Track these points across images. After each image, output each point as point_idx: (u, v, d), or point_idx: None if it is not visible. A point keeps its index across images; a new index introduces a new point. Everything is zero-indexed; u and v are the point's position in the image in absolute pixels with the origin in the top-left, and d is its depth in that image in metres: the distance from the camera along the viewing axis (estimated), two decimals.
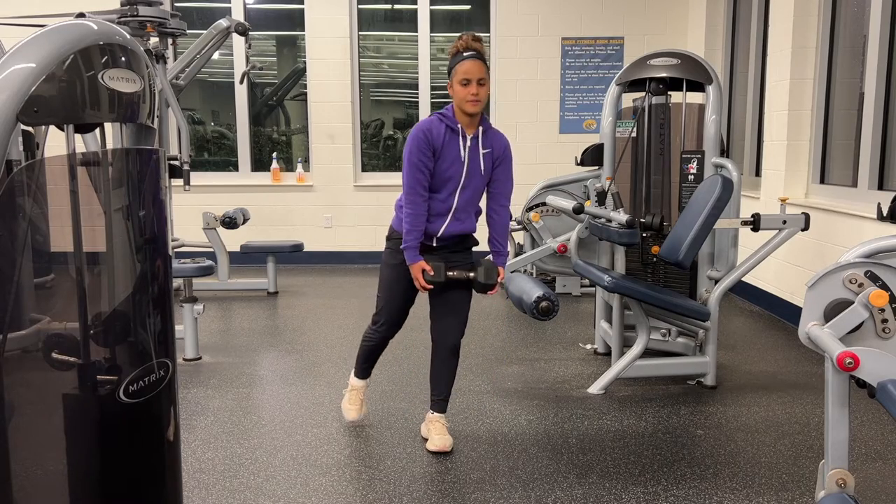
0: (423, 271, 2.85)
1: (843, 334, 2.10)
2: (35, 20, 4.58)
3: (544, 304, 3.58)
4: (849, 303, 2.12)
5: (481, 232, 2.99)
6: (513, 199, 5.84)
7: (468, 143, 2.87)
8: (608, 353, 4.12)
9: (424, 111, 7.29)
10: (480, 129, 2.90)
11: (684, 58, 3.92)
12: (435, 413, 3.09)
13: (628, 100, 4.52)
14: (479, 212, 3.02)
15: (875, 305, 2.08)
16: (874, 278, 2.14)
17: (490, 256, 3.01)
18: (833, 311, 2.16)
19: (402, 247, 2.88)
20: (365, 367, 3.25)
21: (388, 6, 7.39)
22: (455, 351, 3.03)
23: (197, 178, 6.45)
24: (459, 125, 2.87)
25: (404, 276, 2.94)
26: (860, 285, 2.14)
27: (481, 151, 2.89)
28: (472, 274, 2.92)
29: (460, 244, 3.00)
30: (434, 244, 2.93)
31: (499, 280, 2.95)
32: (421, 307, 3.09)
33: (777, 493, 2.65)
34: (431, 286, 2.88)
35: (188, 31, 5.62)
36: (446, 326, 2.99)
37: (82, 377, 1.66)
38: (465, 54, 2.85)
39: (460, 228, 2.94)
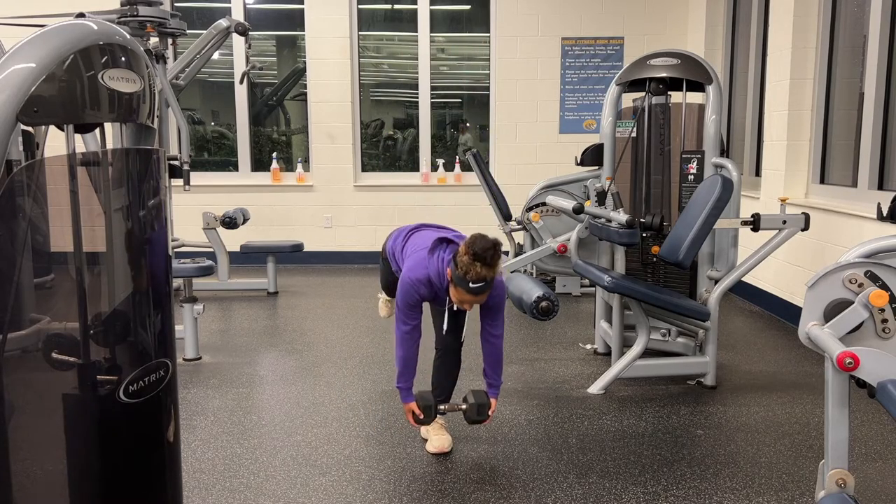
0: (414, 413, 2.89)
1: (843, 334, 2.10)
2: (35, 20, 4.58)
3: (544, 304, 3.58)
4: (849, 303, 2.12)
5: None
6: (513, 199, 5.90)
7: (455, 307, 2.88)
8: (608, 353, 4.12)
9: (424, 111, 7.29)
10: None
11: (684, 58, 3.92)
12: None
13: (628, 100, 4.52)
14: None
15: (875, 305, 2.08)
16: (874, 278, 2.14)
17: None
18: (833, 311, 2.15)
19: (396, 385, 2.92)
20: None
21: (388, 6, 7.38)
22: (457, 354, 3.06)
23: (197, 178, 6.44)
24: (448, 297, 2.84)
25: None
26: (860, 285, 2.14)
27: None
28: (463, 407, 2.95)
29: None
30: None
31: (490, 413, 2.95)
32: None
33: (777, 493, 2.65)
34: (421, 425, 2.96)
35: (188, 31, 5.62)
36: (446, 337, 3.04)
37: (82, 377, 1.66)
38: (472, 286, 2.64)
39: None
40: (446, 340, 3.05)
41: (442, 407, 2.96)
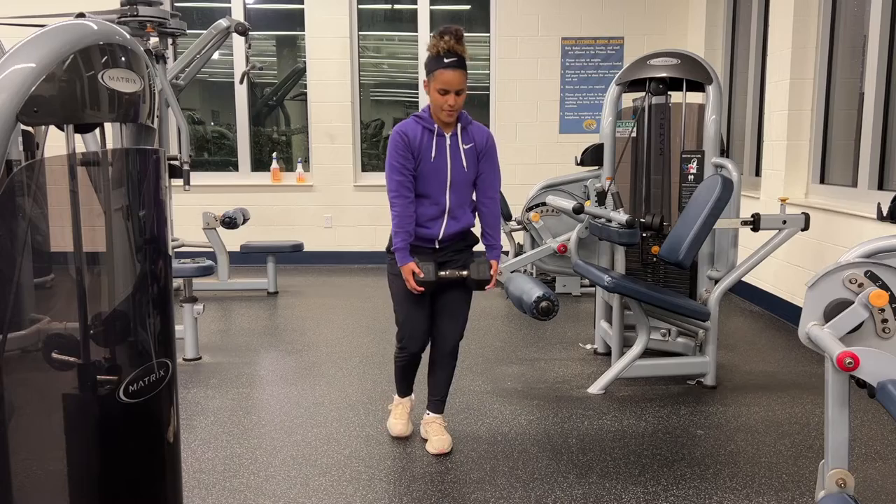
0: (414, 273, 2.81)
1: (842, 334, 2.10)
2: (35, 20, 4.58)
3: (544, 304, 3.58)
4: (849, 303, 2.12)
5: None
6: (513, 199, 5.89)
7: (447, 141, 2.84)
8: (608, 353, 4.12)
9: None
10: (459, 125, 2.86)
11: (684, 58, 3.92)
12: (432, 414, 3.09)
13: (628, 100, 4.52)
14: (474, 207, 2.99)
15: (875, 305, 2.08)
16: (874, 278, 2.13)
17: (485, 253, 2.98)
18: (833, 311, 2.15)
19: (392, 249, 2.86)
20: (403, 387, 3.16)
21: (388, 6, 7.39)
22: (454, 353, 3.03)
23: (197, 178, 6.45)
24: (436, 126, 2.83)
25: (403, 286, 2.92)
26: (860, 285, 2.14)
27: (462, 148, 2.85)
28: (465, 272, 2.90)
29: (462, 242, 2.98)
30: (437, 246, 2.93)
31: (492, 274, 2.91)
32: None
33: (777, 493, 2.65)
34: (423, 287, 2.83)
35: (188, 31, 5.62)
36: (445, 329, 2.99)
37: (82, 377, 1.66)
38: (446, 61, 2.69)
39: (459, 227, 2.92)
40: (445, 333, 2.97)
41: (444, 272, 2.86)
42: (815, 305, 2.18)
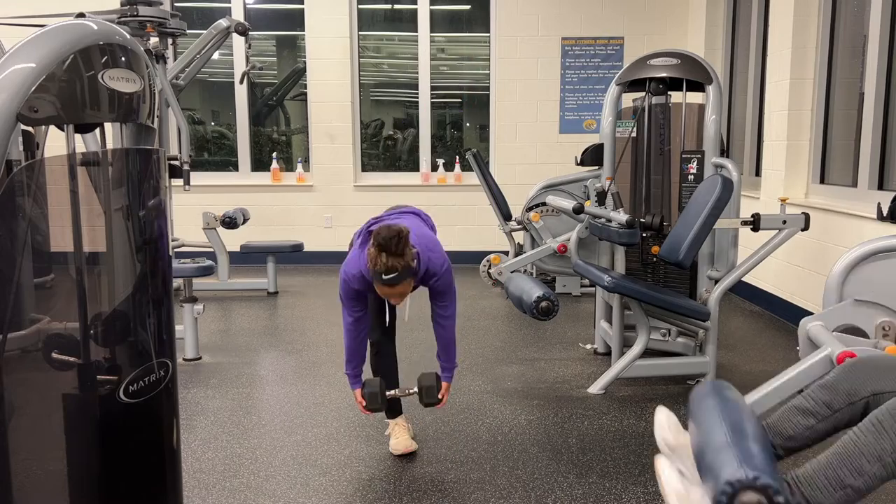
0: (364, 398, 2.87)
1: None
2: (35, 20, 4.58)
3: (544, 304, 3.59)
4: (864, 335, 2.17)
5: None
6: (513, 199, 5.90)
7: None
8: (608, 353, 4.12)
9: (424, 111, 7.29)
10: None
11: (684, 58, 3.92)
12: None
13: (628, 100, 4.52)
14: None
15: (888, 353, 2.14)
16: None
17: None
18: (846, 331, 2.20)
19: (345, 372, 2.93)
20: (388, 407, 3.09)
21: (388, 6, 7.39)
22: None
23: (197, 178, 6.44)
24: None
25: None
26: (886, 335, 2.19)
27: (407, 299, 2.84)
28: (414, 390, 2.92)
29: None
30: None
31: (441, 396, 2.91)
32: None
33: None
34: (371, 412, 2.91)
35: (188, 31, 5.62)
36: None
37: (82, 377, 1.67)
38: (384, 278, 2.57)
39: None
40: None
41: (391, 392, 2.92)
42: (838, 317, 2.21)
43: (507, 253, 5.70)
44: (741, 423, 1.70)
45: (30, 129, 1.94)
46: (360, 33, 7.24)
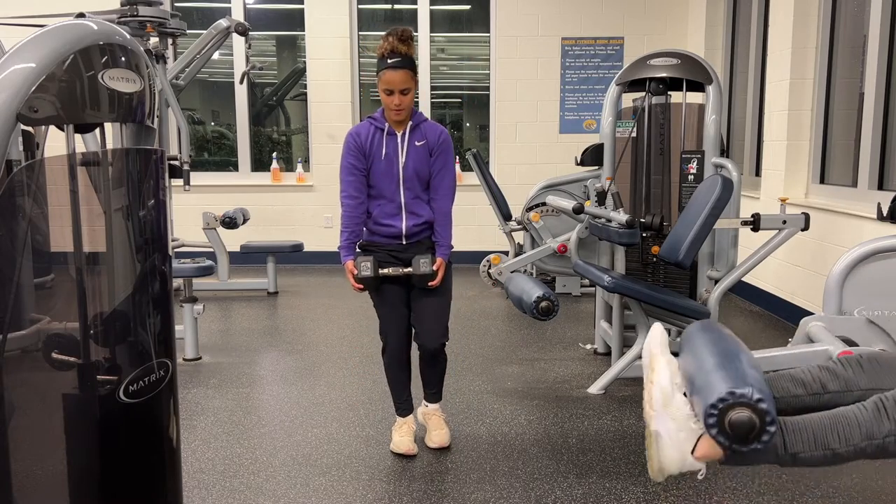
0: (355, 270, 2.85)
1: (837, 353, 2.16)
2: (35, 20, 4.58)
3: (544, 304, 3.58)
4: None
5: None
6: (513, 199, 5.89)
7: (398, 139, 2.86)
8: (608, 353, 4.12)
9: (424, 111, 7.29)
10: (410, 124, 2.88)
11: (684, 58, 3.92)
12: (430, 405, 3.09)
13: (628, 100, 4.52)
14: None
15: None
16: None
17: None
18: (846, 341, 2.21)
19: (338, 247, 2.91)
20: (400, 397, 3.05)
21: (388, 6, 7.39)
22: (437, 354, 3.00)
23: (197, 178, 6.45)
24: (388, 125, 2.86)
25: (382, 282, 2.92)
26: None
27: (414, 144, 2.87)
28: (408, 269, 2.88)
29: (430, 239, 2.97)
30: (405, 243, 2.93)
31: (436, 269, 2.86)
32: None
33: (777, 492, 2.65)
34: (362, 286, 2.86)
35: (188, 31, 5.62)
36: (427, 332, 2.94)
37: (82, 377, 1.66)
38: (389, 61, 2.71)
39: (422, 220, 2.92)
40: (428, 336, 2.95)
41: (386, 270, 2.87)
42: (842, 326, 2.22)
43: (507, 253, 5.70)
44: (736, 350, 1.70)
45: (30, 129, 1.94)
46: (360, 33, 7.24)
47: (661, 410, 1.69)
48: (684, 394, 1.72)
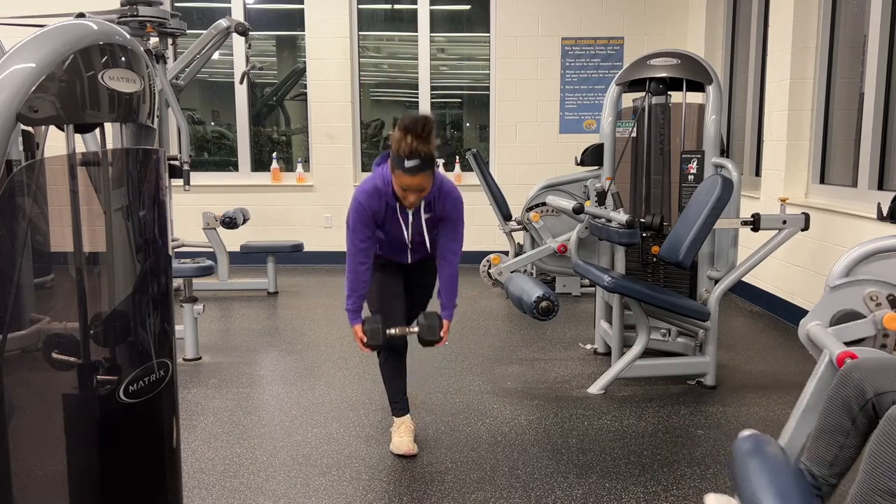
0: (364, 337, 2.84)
1: (843, 341, 2.13)
2: (35, 20, 4.58)
3: (544, 304, 3.59)
4: (859, 316, 2.15)
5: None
6: (513, 199, 5.89)
7: (409, 215, 2.80)
8: (608, 353, 4.12)
9: (424, 111, 7.28)
10: (423, 202, 2.78)
11: (684, 58, 3.92)
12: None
13: (628, 100, 4.52)
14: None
15: (887, 328, 2.12)
16: (894, 303, 2.17)
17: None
18: (841, 319, 2.19)
19: (345, 308, 2.88)
20: (396, 402, 3.04)
21: (388, 6, 7.38)
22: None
23: (197, 178, 6.44)
24: (398, 203, 2.77)
25: (380, 268, 2.93)
26: (878, 304, 2.17)
27: (423, 217, 2.81)
28: (414, 329, 2.89)
29: (432, 260, 2.98)
30: (410, 262, 2.96)
31: (443, 334, 2.88)
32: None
33: None
34: (370, 349, 2.88)
35: (188, 31, 5.62)
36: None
37: (82, 377, 1.67)
38: (407, 164, 2.54)
39: (427, 252, 2.92)
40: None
41: (392, 331, 2.85)
42: (827, 308, 2.21)
43: (507, 253, 5.70)
44: (783, 485, 1.72)
45: (30, 129, 1.94)
46: (360, 33, 7.24)
47: None
48: None
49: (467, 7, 7.47)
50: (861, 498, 1.60)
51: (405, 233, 2.83)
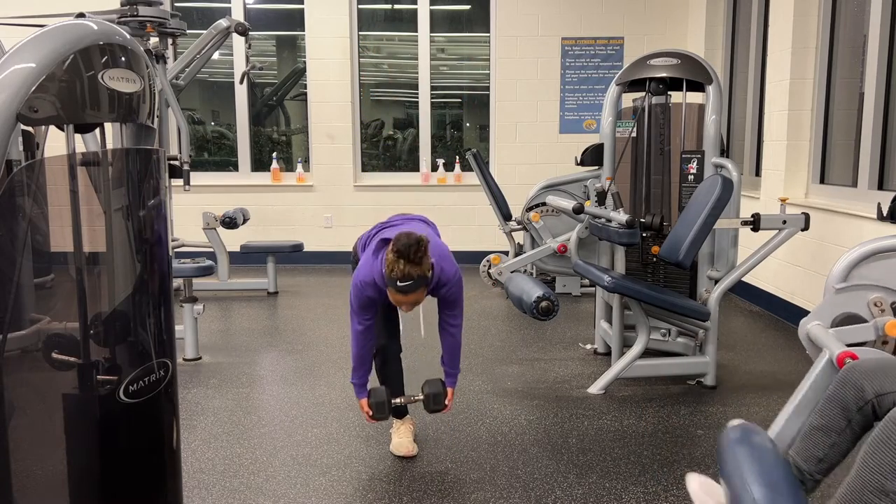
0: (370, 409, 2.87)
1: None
2: (35, 20, 4.58)
3: (544, 304, 3.59)
4: (861, 320, 2.16)
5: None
6: (513, 199, 5.90)
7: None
8: (608, 353, 4.12)
9: (424, 111, 7.29)
10: None
11: (684, 58, 3.92)
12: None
13: (628, 100, 4.52)
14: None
15: (888, 334, 2.13)
16: None
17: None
18: (843, 321, 2.19)
19: (350, 381, 2.91)
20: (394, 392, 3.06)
21: (388, 6, 7.38)
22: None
23: (197, 178, 6.45)
24: None
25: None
26: (882, 311, 2.18)
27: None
28: (419, 397, 2.92)
29: None
30: None
31: (447, 403, 2.91)
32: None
33: None
34: (377, 420, 2.92)
35: (188, 31, 5.62)
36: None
37: (82, 377, 1.67)
38: (399, 285, 2.56)
39: None
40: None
41: (397, 400, 2.91)
42: (829, 309, 2.21)
43: (507, 253, 5.70)
44: (771, 476, 1.73)
45: (30, 129, 1.94)
46: (360, 33, 7.24)
47: None
48: None
49: (467, 7, 7.47)
50: (853, 495, 1.60)
51: (398, 324, 2.98)
